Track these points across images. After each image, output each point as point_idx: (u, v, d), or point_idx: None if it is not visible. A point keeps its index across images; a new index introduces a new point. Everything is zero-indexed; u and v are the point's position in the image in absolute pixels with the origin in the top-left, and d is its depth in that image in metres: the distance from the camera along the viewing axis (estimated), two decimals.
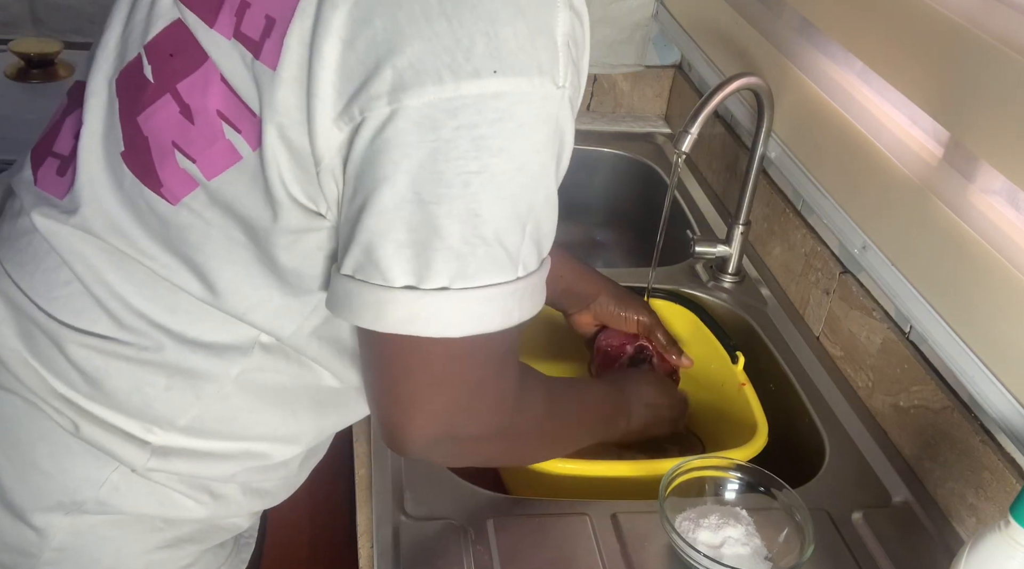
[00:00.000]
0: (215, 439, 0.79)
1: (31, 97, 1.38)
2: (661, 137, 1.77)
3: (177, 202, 0.73)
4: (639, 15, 1.75)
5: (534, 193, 0.67)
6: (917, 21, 1.02)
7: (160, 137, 0.72)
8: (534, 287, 0.70)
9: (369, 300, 0.66)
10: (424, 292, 0.65)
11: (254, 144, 0.68)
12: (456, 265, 0.65)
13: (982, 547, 0.73)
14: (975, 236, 0.94)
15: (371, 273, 0.66)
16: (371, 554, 0.88)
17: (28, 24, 1.75)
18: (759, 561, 0.90)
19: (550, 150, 0.67)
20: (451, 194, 0.63)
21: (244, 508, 0.86)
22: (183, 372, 0.76)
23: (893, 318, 1.11)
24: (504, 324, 0.68)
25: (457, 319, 0.66)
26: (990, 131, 0.92)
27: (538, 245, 0.70)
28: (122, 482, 0.78)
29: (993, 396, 0.92)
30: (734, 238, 1.33)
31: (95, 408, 0.76)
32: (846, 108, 1.18)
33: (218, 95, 0.69)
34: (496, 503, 0.95)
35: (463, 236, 0.64)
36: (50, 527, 0.78)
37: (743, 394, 1.11)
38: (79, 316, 0.76)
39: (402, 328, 0.66)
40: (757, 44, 1.40)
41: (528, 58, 0.63)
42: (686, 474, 0.95)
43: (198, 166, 0.71)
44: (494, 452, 0.85)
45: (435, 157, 0.63)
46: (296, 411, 0.82)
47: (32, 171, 0.82)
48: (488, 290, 0.66)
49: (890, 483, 1.04)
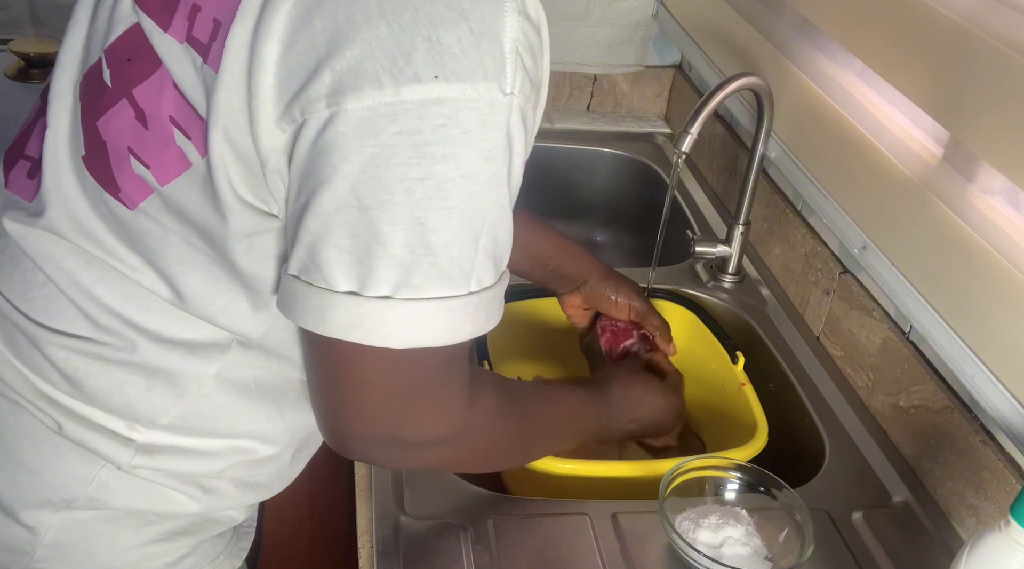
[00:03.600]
0: (200, 437, 0.79)
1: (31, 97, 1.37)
2: (661, 137, 1.77)
3: (135, 208, 0.72)
4: (639, 15, 1.75)
5: (484, 204, 0.65)
6: (917, 21, 1.02)
7: (117, 142, 0.72)
8: (489, 302, 0.68)
9: (313, 303, 0.66)
10: (366, 299, 0.64)
11: (203, 151, 0.67)
12: (400, 274, 0.64)
13: (982, 547, 0.73)
14: (975, 236, 0.94)
15: (314, 276, 0.65)
16: (371, 554, 0.88)
17: (28, 24, 1.75)
18: (759, 561, 0.90)
19: (500, 159, 0.64)
20: (393, 201, 0.62)
21: (237, 501, 0.86)
22: (162, 372, 0.76)
23: (893, 318, 1.11)
24: (451, 339, 0.67)
25: (399, 330, 0.65)
26: (990, 131, 0.92)
27: (494, 259, 0.68)
28: (111, 479, 0.78)
29: (993, 396, 0.92)
30: (734, 238, 1.33)
31: (78, 407, 0.76)
32: (846, 108, 1.18)
33: (170, 101, 0.69)
34: (496, 503, 0.95)
35: (407, 245, 0.63)
36: (41, 524, 0.78)
37: (743, 394, 1.11)
38: (56, 317, 0.76)
39: (343, 333, 0.65)
40: (757, 44, 1.40)
41: (472, 63, 0.61)
42: (686, 474, 0.95)
43: (152, 172, 0.71)
44: (441, 459, 0.82)
45: (376, 162, 0.61)
46: (281, 407, 0.82)
47: (3, 174, 0.82)
48: (435, 303, 0.65)
49: (890, 483, 1.04)
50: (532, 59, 0.65)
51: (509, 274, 0.71)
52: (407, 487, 0.95)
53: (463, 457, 0.84)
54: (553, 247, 1.13)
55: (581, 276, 1.15)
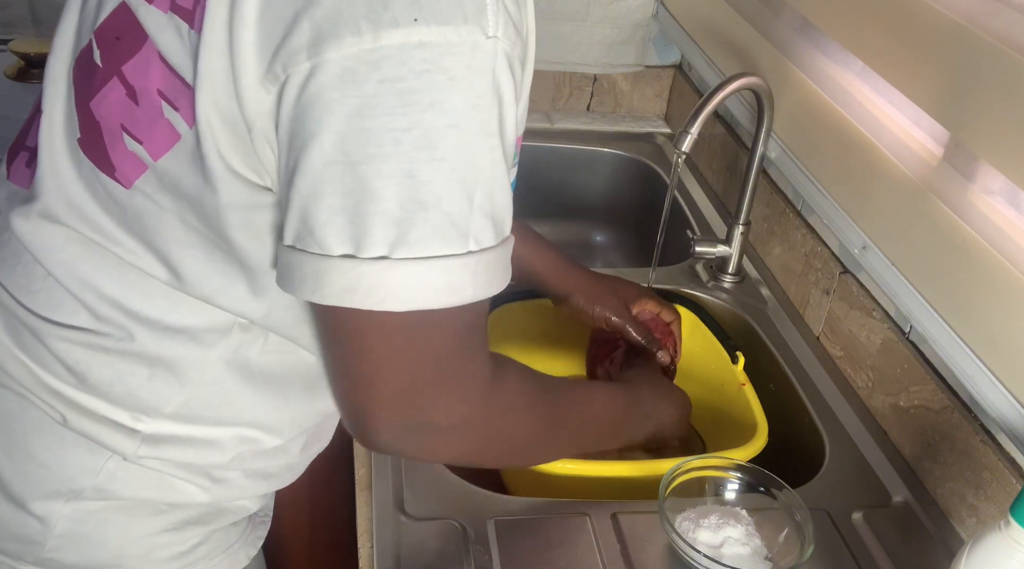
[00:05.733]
0: (205, 425, 0.79)
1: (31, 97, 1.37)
2: (661, 137, 1.77)
3: (130, 186, 0.72)
4: (639, 15, 1.75)
5: (476, 155, 0.63)
6: (917, 21, 1.02)
7: (110, 121, 0.72)
8: (490, 264, 0.66)
9: (309, 271, 0.64)
10: (362, 261, 0.62)
11: (190, 121, 0.67)
12: (395, 232, 0.62)
13: (982, 547, 0.73)
14: (975, 236, 0.94)
15: (309, 242, 0.63)
16: (371, 554, 0.88)
17: (28, 24, 1.75)
18: (759, 561, 0.90)
19: (489, 108, 0.63)
20: (381, 154, 0.60)
21: (249, 491, 0.85)
22: (163, 360, 0.76)
23: (893, 318, 1.11)
24: (453, 301, 0.64)
25: (397, 291, 0.63)
26: (990, 131, 0.92)
27: (492, 219, 0.65)
28: (118, 469, 0.78)
29: (993, 396, 0.92)
30: (734, 238, 1.33)
31: (82, 399, 0.77)
32: (846, 108, 1.18)
33: (158, 74, 0.68)
34: (496, 503, 0.95)
35: (399, 200, 0.61)
36: (51, 515, 0.79)
37: (743, 394, 1.11)
38: (58, 310, 0.76)
39: (342, 300, 0.63)
40: (757, 44, 1.40)
41: (451, 5, 0.60)
42: (686, 474, 0.95)
43: (144, 147, 0.70)
44: (467, 446, 0.78)
45: (360, 113, 0.60)
46: (286, 395, 0.81)
47: (6, 167, 0.82)
48: (433, 262, 0.63)
49: (890, 483, 1.04)
50: (515, 5, 0.64)
51: (513, 240, 0.69)
52: (407, 487, 0.95)
53: (489, 444, 0.80)
54: (541, 262, 1.13)
55: (565, 292, 1.14)
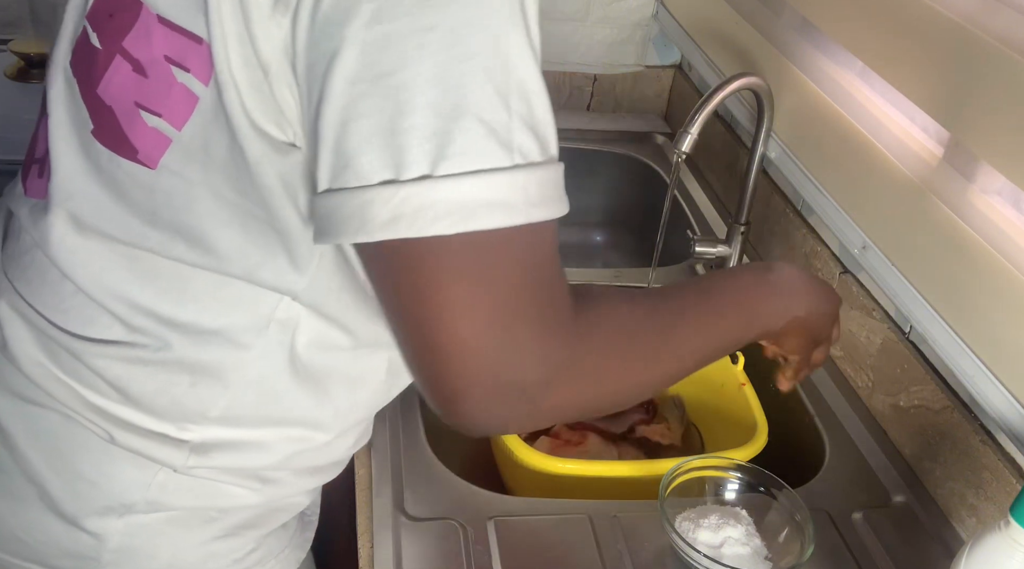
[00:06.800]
0: (251, 427, 0.78)
1: (31, 97, 1.37)
2: (661, 137, 1.77)
3: (156, 165, 0.70)
4: (639, 15, 1.75)
5: (506, 55, 0.59)
6: (917, 21, 1.02)
7: (122, 101, 0.70)
8: (542, 183, 0.61)
9: (350, 208, 0.59)
10: (404, 184, 0.57)
11: (205, 79, 0.65)
12: (433, 146, 0.57)
13: (982, 547, 0.73)
14: (975, 236, 0.94)
15: (346, 176, 0.59)
16: (371, 554, 0.88)
17: (28, 24, 1.75)
18: (759, 561, 0.90)
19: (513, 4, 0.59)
20: (406, 59, 0.56)
21: (298, 487, 0.85)
22: (203, 365, 0.75)
23: (893, 318, 1.11)
24: (506, 221, 0.59)
25: (445, 211, 0.57)
26: (990, 131, 0.92)
27: (534, 130, 0.61)
28: (168, 481, 0.78)
29: (993, 396, 0.92)
30: (734, 238, 1.33)
31: (127, 414, 0.76)
32: (846, 108, 1.18)
33: (160, 39, 0.67)
34: (496, 503, 0.95)
35: (432, 108, 0.57)
36: (105, 531, 0.78)
37: (743, 394, 1.11)
38: (91, 326, 0.75)
39: (388, 231, 0.58)
40: (757, 44, 1.40)
41: None
42: (686, 474, 0.95)
43: (165, 119, 0.68)
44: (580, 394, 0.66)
45: (379, 18, 0.56)
46: (327, 388, 0.79)
47: (22, 184, 0.81)
48: (477, 177, 0.58)
49: (890, 483, 1.04)
50: None
51: (563, 166, 0.64)
52: (407, 487, 0.95)
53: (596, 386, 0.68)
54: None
55: None
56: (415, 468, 0.97)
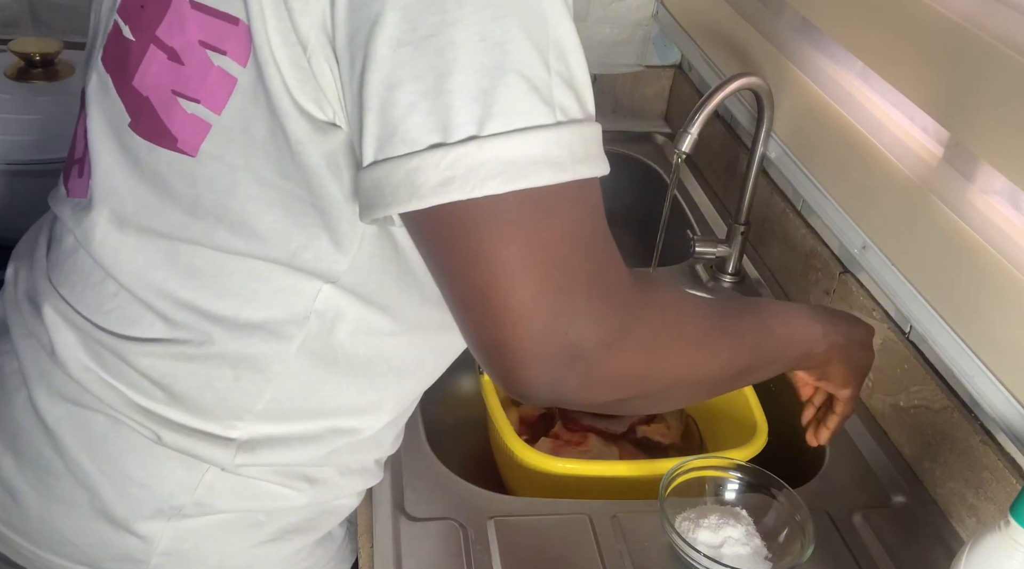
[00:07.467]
0: (296, 420, 0.78)
1: (31, 97, 1.37)
2: (661, 137, 1.77)
3: (197, 152, 0.70)
4: (639, 15, 1.75)
5: (543, 9, 0.59)
6: (917, 21, 1.02)
7: (159, 91, 0.70)
8: (585, 140, 0.62)
9: (399, 176, 0.59)
10: (453, 147, 0.58)
11: (243, 60, 0.65)
12: (478, 106, 0.57)
13: (982, 547, 0.73)
14: (975, 236, 0.94)
15: (394, 145, 0.59)
16: (371, 554, 0.88)
17: (28, 24, 1.75)
18: (759, 561, 0.90)
19: None
20: (447, 19, 0.57)
21: (345, 489, 0.85)
22: (246, 358, 0.75)
23: (893, 318, 1.11)
24: (555, 177, 0.59)
25: (495, 170, 0.58)
26: (990, 131, 0.92)
27: (572, 87, 0.61)
28: (216, 482, 0.78)
29: (993, 396, 0.92)
30: (734, 238, 1.33)
31: (173, 414, 0.76)
32: (846, 108, 1.18)
33: (194, 24, 0.67)
34: (496, 503, 0.95)
35: (475, 67, 0.57)
36: (154, 534, 0.78)
37: (743, 394, 1.11)
38: (134, 325, 0.75)
39: (440, 196, 0.58)
40: (757, 44, 1.40)
41: None
42: (686, 474, 0.95)
43: (203, 103, 0.68)
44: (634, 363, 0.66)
45: None
46: (370, 377, 0.79)
47: (64, 185, 0.82)
48: (523, 134, 0.58)
49: (890, 483, 1.04)
50: None
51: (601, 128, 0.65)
52: (407, 487, 0.95)
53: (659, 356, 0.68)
54: None
55: None
56: (415, 468, 0.97)
